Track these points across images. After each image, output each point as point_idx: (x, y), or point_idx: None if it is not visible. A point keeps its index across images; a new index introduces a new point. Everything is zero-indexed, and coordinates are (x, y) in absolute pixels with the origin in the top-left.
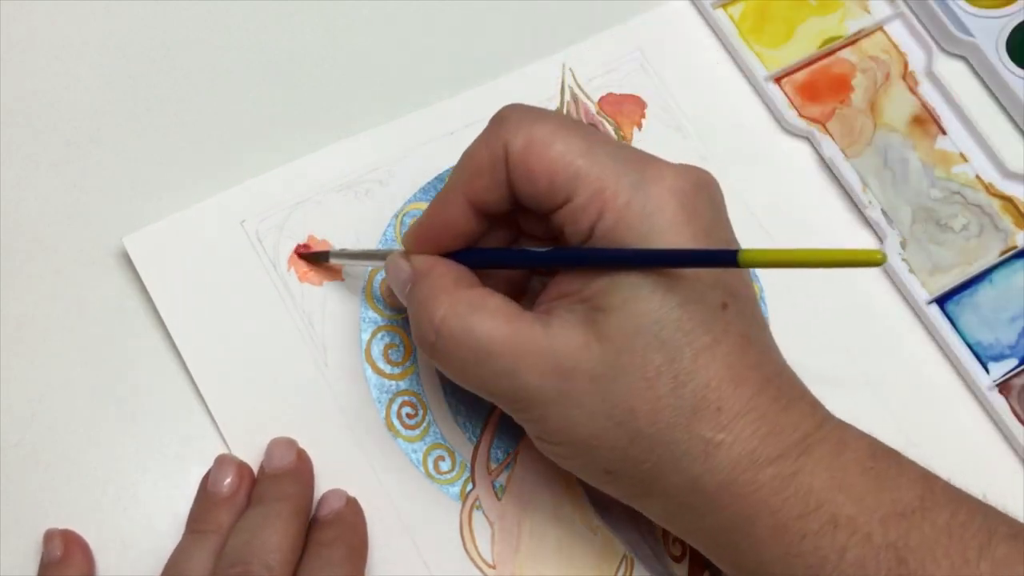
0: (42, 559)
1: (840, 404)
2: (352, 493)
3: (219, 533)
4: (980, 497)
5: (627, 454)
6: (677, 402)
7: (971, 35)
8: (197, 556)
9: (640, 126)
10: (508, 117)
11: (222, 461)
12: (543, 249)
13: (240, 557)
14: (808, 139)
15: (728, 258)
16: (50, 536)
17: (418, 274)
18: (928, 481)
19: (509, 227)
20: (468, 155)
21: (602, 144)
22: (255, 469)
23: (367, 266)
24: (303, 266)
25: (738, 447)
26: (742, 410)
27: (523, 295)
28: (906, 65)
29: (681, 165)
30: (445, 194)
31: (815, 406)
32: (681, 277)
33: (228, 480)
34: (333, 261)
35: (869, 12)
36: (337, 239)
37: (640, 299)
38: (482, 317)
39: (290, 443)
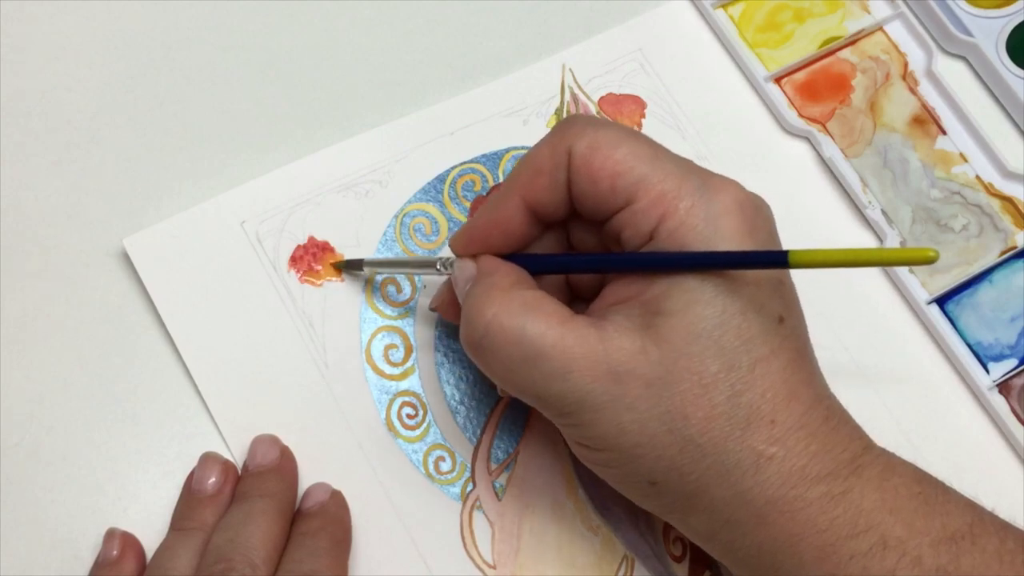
0: (98, 557)
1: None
2: (352, 493)
3: (203, 531)
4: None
5: (675, 463)
6: (732, 411)
7: (971, 35)
8: (181, 554)
9: (640, 126)
10: (573, 122)
11: (207, 460)
12: (599, 254)
13: (223, 554)
14: (808, 139)
15: (779, 259)
16: (110, 536)
17: (481, 273)
18: (976, 509)
19: (558, 239)
20: (530, 156)
21: (665, 152)
22: None
23: (401, 273)
24: (303, 267)
25: (789, 462)
26: (795, 425)
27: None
28: (906, 65)
29: (741, 184)
30: (501, 194)
31: (860, 431)
32: (742, 286)
33: (212, 479)
34: (367, 271)
35: (869, 12)
36: (337, 240)
37: (701, 304)
38: (536, 317)
39: (274, 440)
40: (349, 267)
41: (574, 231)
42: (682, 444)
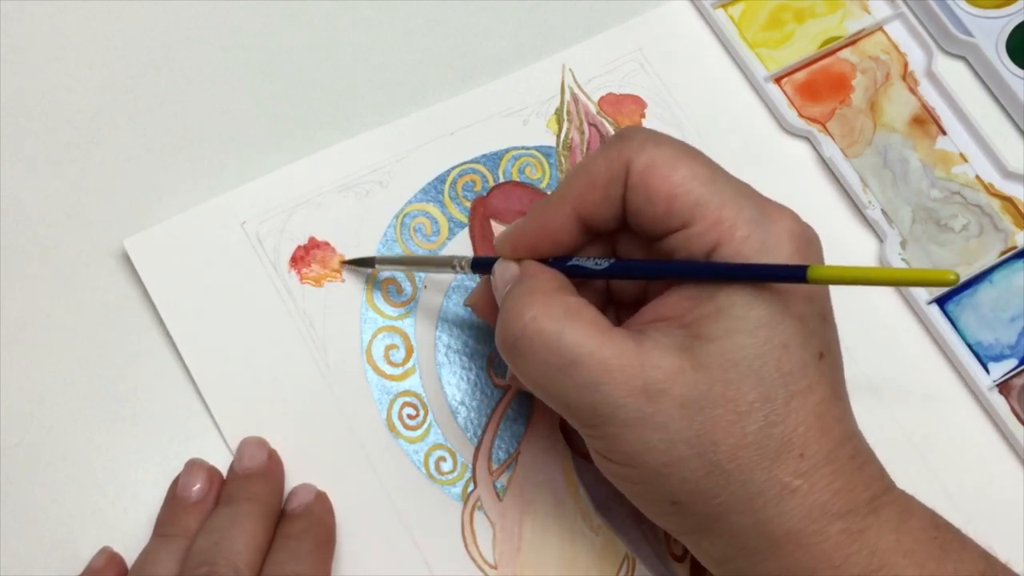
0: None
1: None
2: (353, 494)
3: (186, 538)
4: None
5: (699, 486)
6: (763, 441)
7: (971, 35)
8: (163, 560)
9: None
10: (632, 136)
11: (192, 466)
12: (620, 260)
13: (206, 558)
14: (808, 139)
15: (797, 273)
16: (99, 552)
17: (523, 276)
18: (989, 559)
19: (604, 249)
20: (585, 167)
21: (724, 175)
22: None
23: (416, 271)
24: (304, 268)
25: (813, 496)
26: (822, 461)
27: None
28: (906, 65)
29: (796, 213)
30: (551, 202)
31: (883, 471)
32: (787, 319)
33: (197, 486)
34: (379, 267)
35: (869, 12)
36: (338, 240)
37: (744, 333)
38: (575, 325)
39: (261, 443)
40: (360, 264)
41: (621, 243)
42: (709, 468)
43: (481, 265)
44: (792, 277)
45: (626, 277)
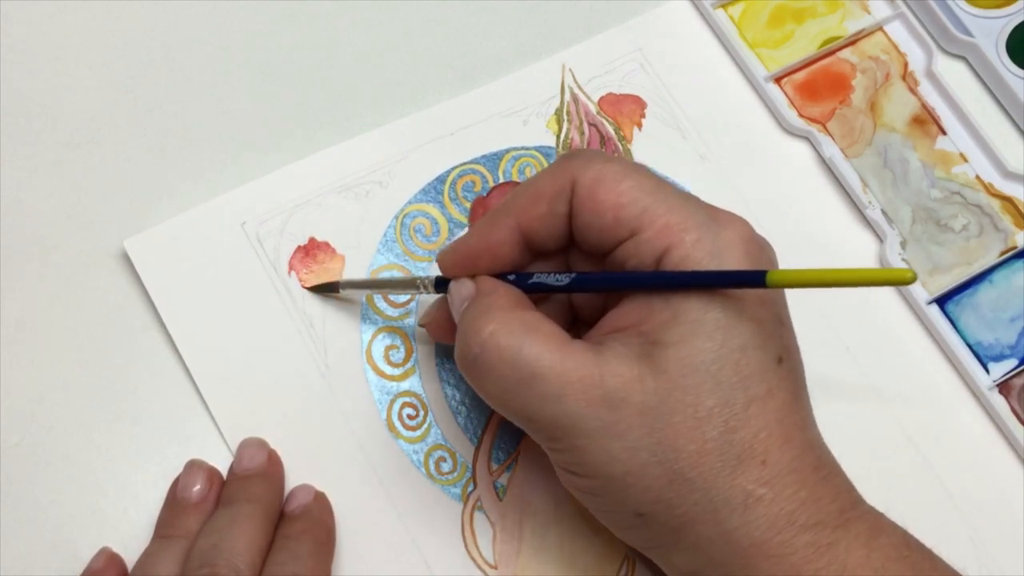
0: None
1: (841, 404)
2: (353, 494)
3: (187, 539)
4: None
5: (662, 496)
6: (724, 448)
7: (971, 35)
8: (164, 561)
9: (640, 126)
10: (579, 155)
11: (192, 467)
12: (572, 274)
13: (207, 559)
14: (808, 139)
15: (756, 279)
16: (99, 553)
17: (480, 292)
18: None
19: (551, 268)
20: (530, 183)
21: (671, 188)
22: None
23: (379, 293)
24: (304, 268)
25: (777, 506)
26: (785, 469)
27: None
28: (906, 65)
29: (746, 221)
30: (494, 217)
31: (850, 484)
32: (743, 322)
33: (197, 487)
34: (343, 293)
35: (869, 12)
36: (338, 241)
37: (701, 337)
38: (534, 339)
39: (261, 444)
40: (323, 290)
41: (574, 262)
42: (671, 476)
43: (444, 284)
44: (751, 282)
45: (588, 290)
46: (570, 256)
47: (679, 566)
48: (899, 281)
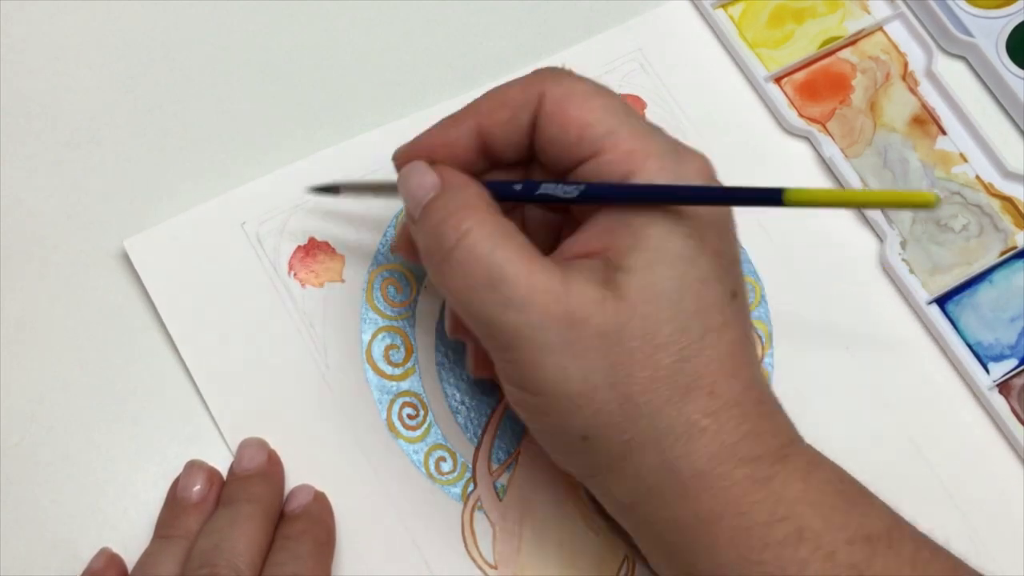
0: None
1: (841, 404)
2: (353, 494)
3: (187, 539)
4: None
5: (610, 420)
6: (675, 376)
7: (971, 35)
8: (164, 561)
9: None
10: (550, 70)
11: (192, 467)
12: (573, 184)
13: (207, 559)
14: (808, 139)
15: (773, 196)
16: (99, 553)
17: (448, 185)
18: (895, 516)
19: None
20: (497, 89)
21: (637, 113)
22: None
23: (380, 196)
24: (304, 272)
25: (720, 437)
26: (731, 401)
27: None
28: (906, 65)
29: (707, 157)
30: (455, 116)
31: (790, 423)
32: (703, 254)
33: (197, 487)
34: (344, 194)
35: (869, 12)
36: (338, 241)
37: (664, 265)
38: (508, 244)
39: (261, 444)
40: (325, 192)
41: (535, 176)
42: (621, 400)
43: None
44: (767, 200)
45: (600, 201)
46: (529, 171)
47: (617, 496)
48: (921, 204)
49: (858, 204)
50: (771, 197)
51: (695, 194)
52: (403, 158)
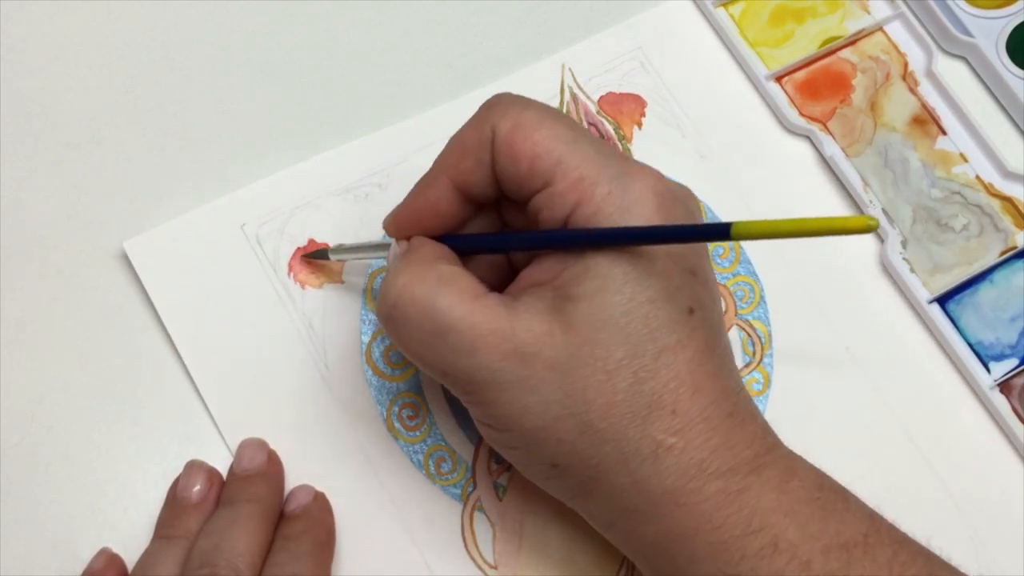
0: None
1: (841, 404)
2: (353, 495)
3: (187, 539)
4: (923, 542)
5: (575, 447)
6: (633, 399)
7: (971, 35)
8: (164, 561)
9: (640, 125)
10: (498, 102)
11: (192, 467)
12: (520, 232)
13: (207, 559)
14: (809, 138)
15: (722, 231)
16: (99, 553)
17: (408, 250)
18: (874, 520)
19: (492, 220)
20: (455, 137)
21: (586, 137)
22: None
23: (366, 258)
24: (303, 274)
25: (688, 454)
26: (696, 418)
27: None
28: (906, 65)
29: (659, 173)
30: (429, 175)
31: (767, 430)
32: (652, 275)
33: (197, 487)
34: (333, 258)
35: (869, 12)
36: (337, 242)
37: (610, 291)
38: (447, 291)
39: (261, 444)
40: (316, 257)
41: (506, 212)
42: (582, 428)
43: None
44: (716, 235)
45: (547, 248)
46: (504, 206)
47: (596, 516)
48: (860, 229)
49: (799, 233)
50: (719, 231)
51: (638, 235)
52: (391, 229)
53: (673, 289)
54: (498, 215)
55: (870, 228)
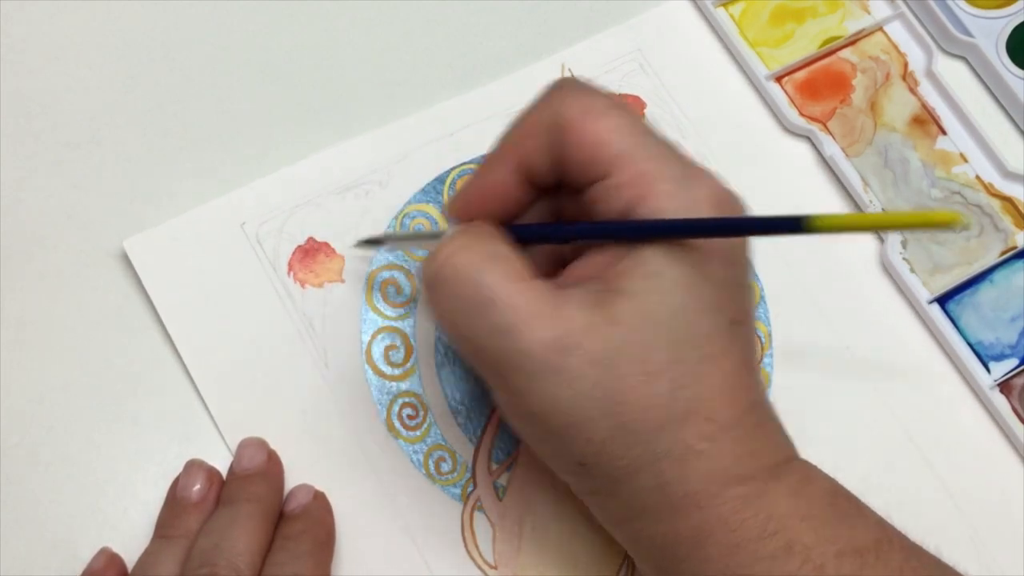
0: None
1: (841, 403)
2: (353, 494)
3: (187, 539)
4: (934, 551)
5: (605, 448)
6: (671, 404)
7: (971, 35)
8: (164, 561)
9: None
10: (566, 84)
11: (191, 467)
12: (581, 222)
13: (207, 559)
14: (809, 138)
15: (793, 225)
16: (99, 552)
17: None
18: (886, 528)
19: (550, 211)
20: (521, 117)
21: (653, 134)
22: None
23: (421, 246)
24: (303, 273)
25: (716, 460)
26: (729, 425)
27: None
28: (906, 65)
29: (720, 177)
30: (493, 157)
31: (789, 441)
32: (703, 282)
33: (197, 487)
34: (388, 244)
35: (869, 12)
36: (337, 241)
37: (660, 292)
38: (496, 266)
39: (260, 444)
40: (371, 243)
41: (566, 202)
42: (616, 429)
43: None
44: (788, 228)
45: (604, 239)
46: (563, 198)
47: (611, 512)
48: (946, 224)
49: (883, 227)
50: (790, 225)
51: (701, 227)
52: (455, 208)
53: (725, 299)
54: (556, 207)
55: (956, 223)
